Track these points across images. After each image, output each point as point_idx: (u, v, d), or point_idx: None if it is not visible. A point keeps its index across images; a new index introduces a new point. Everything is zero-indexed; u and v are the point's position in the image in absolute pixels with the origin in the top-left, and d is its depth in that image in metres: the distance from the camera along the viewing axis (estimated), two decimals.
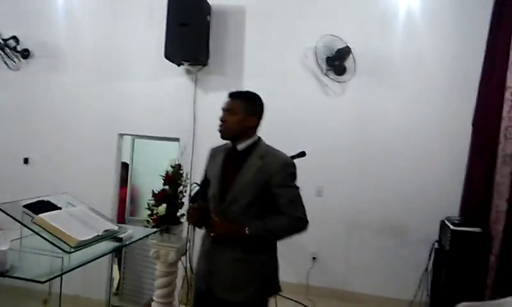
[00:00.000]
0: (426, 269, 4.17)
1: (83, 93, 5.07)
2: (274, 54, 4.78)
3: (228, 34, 4.87)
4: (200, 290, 2.28)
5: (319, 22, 4.62)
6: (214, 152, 2.43)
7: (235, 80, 4.79)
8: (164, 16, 4.53)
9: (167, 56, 4.59)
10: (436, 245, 4.15)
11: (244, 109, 2.27)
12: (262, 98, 2.46)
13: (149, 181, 5.32)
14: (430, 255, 4.16)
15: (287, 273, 4.43)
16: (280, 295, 4.19)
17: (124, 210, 5.22)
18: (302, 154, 3.72)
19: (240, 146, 2.29)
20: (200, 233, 2.46)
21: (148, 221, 3.63)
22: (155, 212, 3.57)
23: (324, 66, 4.57)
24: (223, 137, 2.28)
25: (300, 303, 4.43)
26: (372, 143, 4.58)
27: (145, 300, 4.76)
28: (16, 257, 2.19)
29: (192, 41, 4.54)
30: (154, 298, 3.65)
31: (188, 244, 3.70)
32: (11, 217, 2.16)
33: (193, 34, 4.53)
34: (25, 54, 5.03)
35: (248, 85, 4.69)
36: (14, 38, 4.99)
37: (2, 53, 5.00)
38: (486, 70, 4.07)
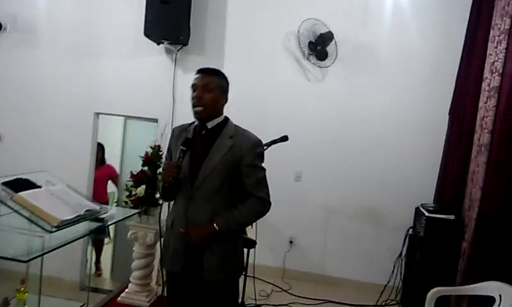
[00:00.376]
0: (400, 255, 4.27)
1: (59, 70, 4.90)
2: (256, 35, 4.74)
3: (209, 13, 4.79)
4: (174, 272, 2.24)
5: (302, 5, 4.61)
6: (179, 131, 2.29)
7: (216, 61, 4.71)
8: None
9: (146, 34, 4.48)
10: (411, 232, 4.25)
11: (219, 86, 2.17)
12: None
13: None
14: (404, 241, 4.26)
15: (264, 256, 4.51)
16: (257, 278, 4.28)
17: (100, 190, 5.12)
18: (285, 138, 3.73)
19: (210, 125, 2.18)
20: None
21: (126, 202, 3.58)
22: (133, 193, 3.51)
23: (306, 50, 4.56)
24: (200, 117, 2.15)
25: (276, 286, 4.47)
26: (351, 130, 4.62)
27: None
28: None
29: (173, 20, 4.45)
30: (131, 279, 3.61)
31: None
32: None
33: (174, 12, 4.43)
34: None
35: (228, 66, 4.67)
36: None
37: None
38: (464, 61, 4.15)
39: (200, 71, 2.19)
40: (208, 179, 2.13)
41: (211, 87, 2.13)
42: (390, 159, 4.56)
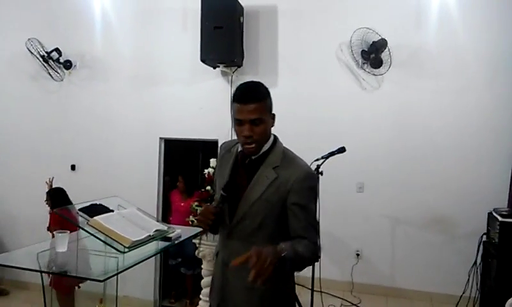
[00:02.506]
0: (475, 263, 4.05)
1: (124, 100, 5.22)
2: (308, 50, 4.78)
3: (261, 34, 4.90)
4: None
5: (351, 16, 4.60)
6: (224, 151, 2.01)
7: (270, 78, 4.79)
8: (197, 20, 4.59)
9: (203, 59, 4.66)
10: (485, 238, 4.02)
11: (268, 110, 1.81)
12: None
13: None
14: (478, 248, 4.04)
15: (330, 270, 4.46)
16: (324, 292, 4.24)
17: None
18: (342, 150, 3.71)
19: (254, 156, 1.85)
20: None
21: (192, 221, 3.71)
22: (198, 212, 3.65)
23: (359, 59, 4.53)
24: (254, 154, 1.84)
25: (346, 300, 4.40)
26: (412, 136, 4.50)
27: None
28: (74, 258, 2.29)
29: (227, 43, 4.58)
30: (201, 296, 3.72)
31: None
32: (68, 220, 2.26)
33: (228, 36, 4.57)
34: (68, 65, 5.22)
35: (282, 82, 4.76)
36: (57, 49, 5.18)
37: (46, 65, 5.21)
38: None
39: (241, 100, 1.78)
40: (247, 217, 1.83)
41: (261, 119, 1.76)
42: (456, 165, 4.39)
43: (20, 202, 5.47)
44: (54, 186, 4.55)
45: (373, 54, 4.46)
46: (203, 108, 4.97)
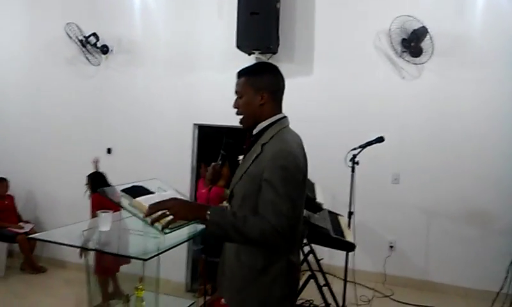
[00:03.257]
0: None
1: (159, 85, 5.25)
2: (345, 38, 4.69)
3: (297, 20, 4.84)
4: None
5: (391, 2, 4.49)
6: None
7: (305, 67, 4.77)
8: (233, 6, 4.56)
9: (238, 46, 4.63)
10: None
11: (250, 86, 1.86)
12: (271, 66, 1.95)
13: None
14: None
15: (363, 261, 4.42)
16: (357, 283, 4.21)
17: None
18: (380, 139, 3.66)
19: (255, 131, 1.90)
20: None
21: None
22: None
23: (399, 48, 4.43)
24: (244, 127, 1.93)
25: (378, 291, 4.35)
26: (451, 127, 4.39)
27: None
28: (116, 237, 2.34)
29: (263, 30, 4.54)
30: None
31: None
32: (111, 200, 2.30)
33: (264, 23, 4.53)
34: (105, 49, 5.28)
35: (318, 71, 4.70)
36: (94, 34, 5.25)
37: (84, 49, 5.29)
38: None
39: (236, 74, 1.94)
40: (235, 191, 1.87)
41: (241, 92, 1.89)
42: (494, 157, 4.27)
43: (59, 184, 5.60)
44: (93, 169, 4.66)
45: (413, 42, 4.35)
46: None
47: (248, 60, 4.89)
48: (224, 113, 4.95)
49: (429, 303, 4.10)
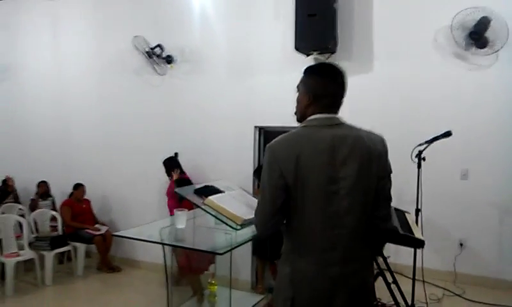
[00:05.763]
0: None
1: (220, 91, 5.42)
2: (405, 33, 4.62)
3: (355, 19, 4.83)
4: None
5: None
6: None
7: (364, 65, 4.74)
8: (289, 9, 4.65)
9: (297, 48, 4.70)
10: None
11: (303, 85, 1.92)
12: (324, 69, 1.96)
13: None
14: None
15: (432, 259, 4.32)
16: (426, 281, 4.11)
17: None
18: (447, 134, 3.59)
19: None
20: None
21: None
22: None
23: (463, 41, 4.29)
24: (297, 121, 1.99)
25: (448, 290, 4.24)
26: None
27: None
28: (191, 234, 2.49)
29: (321, 30, 4.57)
30: None
31: None
32: (187, 200, 2.45)
33: (321, 23, 4.56)
34: (169, 59, 5.56)
35: (378, 68, 4.66)
36: (159, 46, 5.55)
37: (150, 60, 5.60)
38: None
39: None
40: None
41: (298, 88, 1.95)
42: None
43: (131, 189, 5.92)
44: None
45: (478, 34, 4.21)
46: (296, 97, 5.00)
47: (306, 61, 4.94)
48: (284, 114, 5.06)
49: (504, 302, 3.93)
